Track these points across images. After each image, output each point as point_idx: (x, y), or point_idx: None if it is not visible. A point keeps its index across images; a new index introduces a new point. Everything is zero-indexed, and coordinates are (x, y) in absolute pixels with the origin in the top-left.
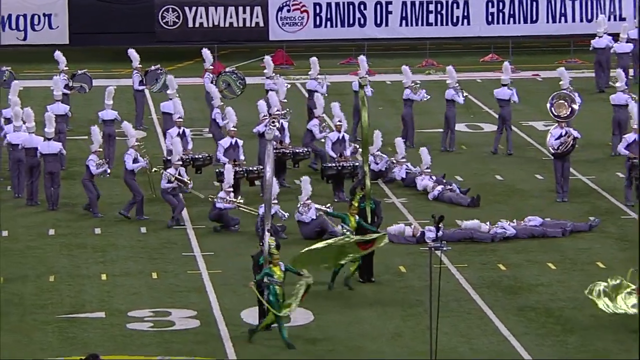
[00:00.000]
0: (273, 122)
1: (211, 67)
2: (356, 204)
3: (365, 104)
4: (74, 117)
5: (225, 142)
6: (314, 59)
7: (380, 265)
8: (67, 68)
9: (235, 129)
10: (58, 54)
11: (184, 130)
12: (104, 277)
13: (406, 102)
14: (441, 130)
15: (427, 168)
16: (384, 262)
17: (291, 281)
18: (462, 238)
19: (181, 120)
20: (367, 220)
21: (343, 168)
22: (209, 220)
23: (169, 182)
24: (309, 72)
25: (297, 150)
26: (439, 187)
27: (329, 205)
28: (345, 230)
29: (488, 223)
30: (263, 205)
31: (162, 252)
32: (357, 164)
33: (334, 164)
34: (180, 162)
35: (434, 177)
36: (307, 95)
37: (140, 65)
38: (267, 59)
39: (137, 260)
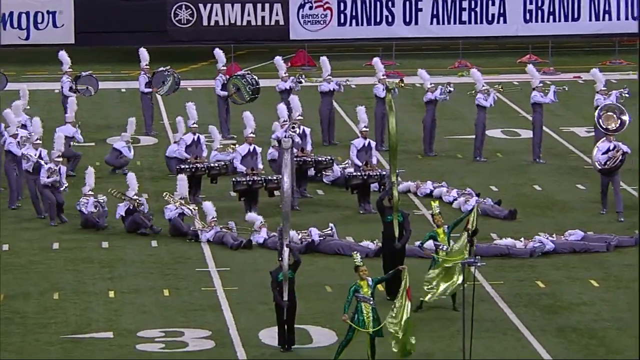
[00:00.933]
0: (293, 127)
1: (224, 68)
2: (436, 212)
3: (392, 109)
4: (80, 121)
5: (243, 149)
6: (324, 59)
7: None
8: (71, 70)
9: (254, 135)
10: (62, 54)
11: (198, 137)
12: (111, 294)
13: (428, 106)
14: (473, 136)
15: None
16: (411, 278)
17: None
18: (497, 253)
19: (196, 126)
20: (394, 233)
21: (369, 177)
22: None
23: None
24: (322, 74)
25: (320, 159)
26: (473, 199)
27: (331, 227)
28: (441, 248)
29: (522, 239)
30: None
31: (174, 267)
32: (384, 172)
33: (359, 173)
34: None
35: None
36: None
37: (148, 66)
38: (278, 59)
39: (148, 276)
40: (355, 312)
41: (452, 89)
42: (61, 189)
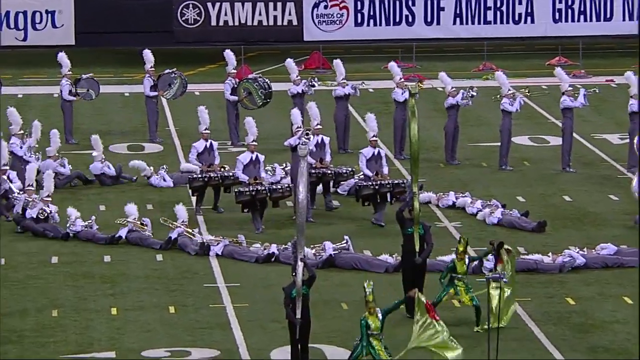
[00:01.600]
0: (307, 134)
1: (234, 71)
2: (462, 248)
3: (415, 115)
4: (80, 128)
5: (245, 157)
6: (337, 62)
7: (430, 297)
8: (71, 72)
9: (256, 143)
10: (62, 56)
11: (211, 144)
12: (114, 311)
13: (449, 111)
14: (499, 144)
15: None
16: (434, 295)
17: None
18: (524, 268)
19: (208, 132)
20: (415, 247)
21: (381, 187)
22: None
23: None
24: (336, 78)
25: (340, 170)
26: (499, 211)
27: (346, 240)
28: None
29: (551, 253)
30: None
31: (181, 282)
32: (397, 182)
33: (370, 183)
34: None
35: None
36: (335, 103)
37: (153, 69)
38: (289, 62)
39: (152, 292)
40: (365, 344)
41: (475, 93)
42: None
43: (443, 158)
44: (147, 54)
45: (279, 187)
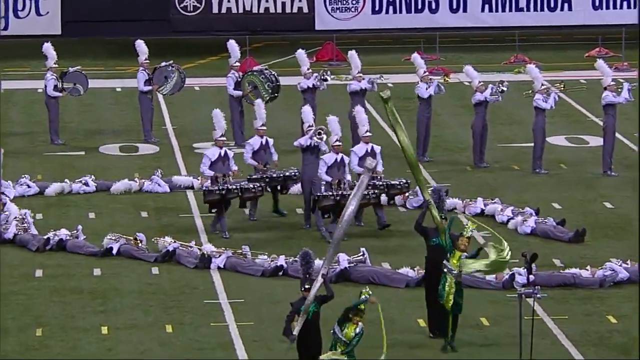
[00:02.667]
0: (319, 133)
1: (237, 64)
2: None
3: (398, 121)
4: (67, 127)
5: (212, 153)
6: (352, 53)
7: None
8: (57, 65)
9: (224, 138)
10: (47, 47)
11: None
12: (104, 330)
13: (477, 108)
14: (532, 144)
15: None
16: (462, 313)
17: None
18: (561, 282)
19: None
20: (441, 258)
21: (342, 198)
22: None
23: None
24: (351, 71)
25: (393, 182)
26: (532, 219)
27: (362, 252)
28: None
29: (590, 266)
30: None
31: (179, 299)
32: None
33: (330, 193)
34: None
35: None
36: (350, 101)
37: (148, 61)
38: (300, 53)
39: (147, 309)
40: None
41: (505, 88)
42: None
43: (470, 160)
44: (141, 45)
45: (252, 186)
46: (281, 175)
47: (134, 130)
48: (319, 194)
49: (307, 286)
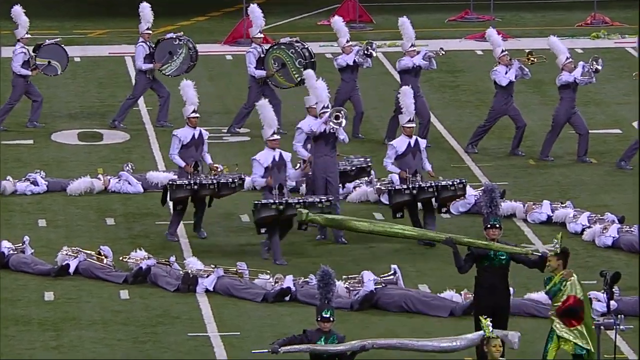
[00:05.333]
0: (337, 117)
1: (260, 36)
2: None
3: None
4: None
5: (185, 134)
6: (404, 20)
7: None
8: (29, 36)
9: (197, 115)
10: (17, 12)
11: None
12: None
13: (563, 91)
14: (618, 131)
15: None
16: (525, 346)
17: None
18: None
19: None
20: (496, 280)
21: (286, 207)
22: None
23: None
24: (402, 43)
25: (444, 183)
26: (615, 228)
27: (394, 270)
28: None
29: None
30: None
31: (155, 331)
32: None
33: (270, 201)
34: None
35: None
36: (399, 81)
37: (149, 32)
38: (337, 20)
39: (114, 344)
40: None
41: (600, 67)
42: None
43: (534, 152)
44: (145, 9)
45: (229, 180)
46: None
47: (97, 113)
48: (256, 201)
49: (325, 315)
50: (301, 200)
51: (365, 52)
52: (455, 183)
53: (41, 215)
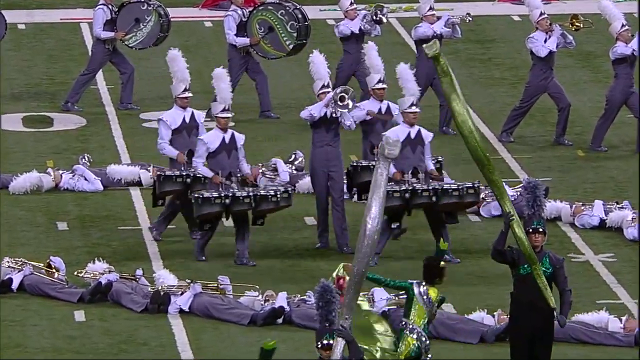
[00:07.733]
0: (342, 97)
1: None
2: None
3: (453, 84)
4: None
5: (172, 118)
6: None
7: None
8: None
9: (190, 95)
10: None
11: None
12: None
13: (617, 67)
14: None
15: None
16: None
17: None
18: None
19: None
20: (538, 296)
21: (233, 201)
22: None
23: None
24: (418, 7)
25: (464, 185)
26: None
27: None
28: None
29: None
30: None
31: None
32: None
33: (213, 194)
34: None
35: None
36: (416, 53)
37: None
38: None
39: None
40: None
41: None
42: None
43: (583, 141)
44: None
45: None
46: None
47: (45, 93)
48: (196, 194)
49: (326, 342)
50: (251, 194)
51: (374, 17)
52: (461, 187)
53: None
